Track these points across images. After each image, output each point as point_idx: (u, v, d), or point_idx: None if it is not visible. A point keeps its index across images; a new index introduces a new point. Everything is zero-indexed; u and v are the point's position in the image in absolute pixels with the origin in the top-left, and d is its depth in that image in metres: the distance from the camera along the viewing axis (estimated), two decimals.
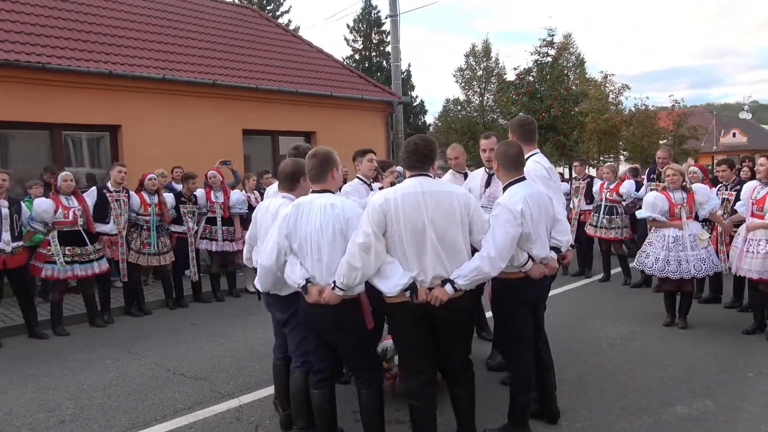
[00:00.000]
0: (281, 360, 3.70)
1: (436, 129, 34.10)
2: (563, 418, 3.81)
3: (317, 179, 3.25)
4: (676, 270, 5.73)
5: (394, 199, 2.96)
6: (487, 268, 3.01)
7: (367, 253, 2.93)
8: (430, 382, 3.15)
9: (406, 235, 2.95)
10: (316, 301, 3.09)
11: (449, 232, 2.99)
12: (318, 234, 3.10)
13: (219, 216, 7.79)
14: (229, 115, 10.95)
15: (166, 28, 11.45)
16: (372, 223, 2.95)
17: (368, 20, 30.89)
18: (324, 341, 3.27)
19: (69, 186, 6.36)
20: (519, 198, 3.25)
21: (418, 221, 2.95)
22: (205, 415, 4.06)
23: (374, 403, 3.26)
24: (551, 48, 19.46)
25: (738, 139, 45.10)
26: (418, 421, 3.16)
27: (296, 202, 3.25)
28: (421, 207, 2.96)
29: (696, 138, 25.53)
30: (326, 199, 3.17)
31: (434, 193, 3.00)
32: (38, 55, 8.73)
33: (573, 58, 31.40)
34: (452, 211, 2.99)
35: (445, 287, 2.97)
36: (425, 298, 2.96)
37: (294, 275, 3.15)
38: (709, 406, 4.02)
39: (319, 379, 3.33)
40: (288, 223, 3.17)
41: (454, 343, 3.18)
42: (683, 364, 4.87)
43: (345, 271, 2.97)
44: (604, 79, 23.64)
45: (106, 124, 9.63)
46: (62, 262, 6.14)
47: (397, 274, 2.96)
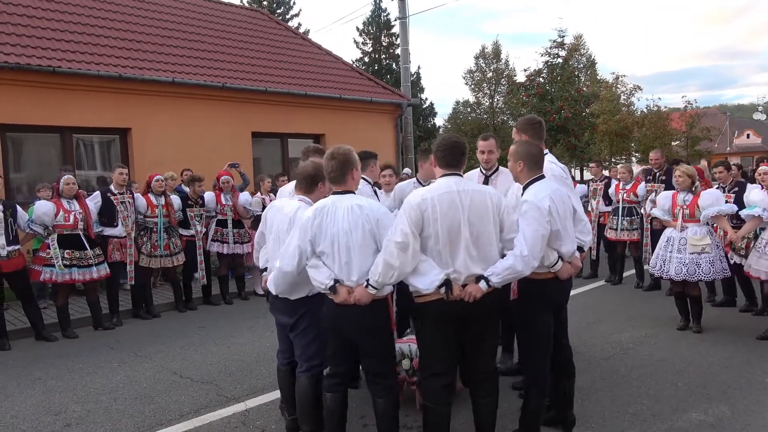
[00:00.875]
0: (286, 365, 3.65)
1: (446, 131, 34.04)
2: (577, 424, 3.71)
3: (338, 181, 3.21)
4: (670, 269, 5.70)
5: (431, 198, 2.97)
6: (520, 266, 3.02)
7: (404, 251, 2.92)
8: (448, 386, 3.14)
9: (442, 234, 2.96)
10: (345, 301, 3.05)
11: (483, 231, 3.02)
12: (347, 235, 3.06)
13: (230, 218, 7.80)
14: (238, 118, 10.98)
15: (175, 32, 11.50)
16: (410, 222, 2.94)
17: (378, 23, 30.90)
18: (345, 345, 3.21)
19: (71, 189, 6.36)
20: (545, 195, 3.24)
21: (455, 220, 2.96)
22: (211, 419, 4.02)
23: (391, 413, 3.20)
24: (561, 49, 19.34)
25: (752, 140, 44.60)
26: (432, 423, 3.12)
27: (318, 205, 3.19)
28: (458, 206, 2.97)
29: (709, 139, 25.30)
30: (352, 200, 3.14)
31: (469, 192, 3.02)
32: (49, 59, 8.80)
33: (584, 59, 31.25)
34: (486, 210, 3.02)
35: (479, 284, 2.98)
36: (459, 294, 2.96)
37: (320, 276, 3.10)
38: (725, 413, 3.92)
39: (335, 382, 3.27)
40: (312, 227, 3.11)
41: (482, 345, 3.16)
42: (698, 369, 4.76)
43: (382, 270, 2.95)
44: (615, 80, 23.50)
45: (116, 127, 9.69)
46: (60, 265, 6.12)
47: (433, 272, 2.97)
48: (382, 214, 3.11)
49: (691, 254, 5.61)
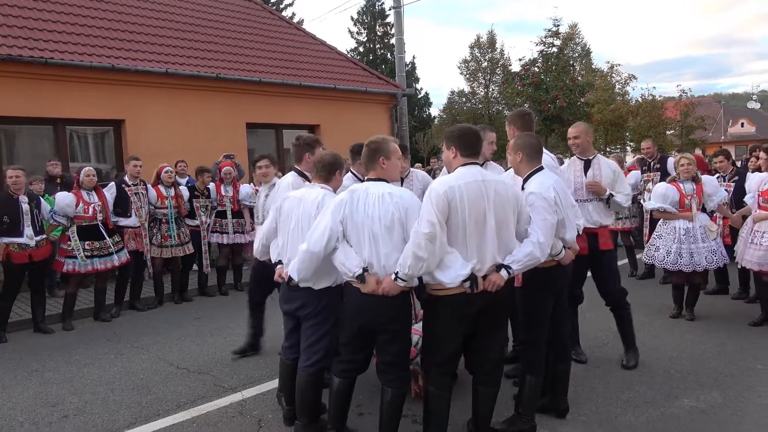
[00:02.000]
0: (291, 361, 3.60)
1: (441, 121, 33.99)
2: (570, 411, 3.77)
3: (369, 167, 3.23)
4: (689, 263, 5.65)
5: (458, 186, 2.95)
6: (538, 253, 3.10)
7: (432, 242, 2.88)
8: (451, 374, 3.21)
9: (469, 223, 2.95)
10: (373, 291, 3.03)
11: (506, 221, 3.05)
12: (376, 222, 3.04)
13: (229, 209, 7.86)
14: (232, 109, 10.93)
15: (169, 22, 11.41)
16: (437, 212, 2.90)
17: (372, 12, 30.77)
18: (364, 334, 3.19)
19: (91, 181, 6.48)
20: (549, 185, 3.32)
21: (481, 209, 2.97)
22: (208, 409, 4.05)
23: (399, 403, 3.21)
24: (556, 38, 19.28)
25: (746, 129, 44.73)
26: (434, 407, 3.15)
27: (352, 188, 3.18)
28: (483, 195, 2.98)
29: (704, 128, 25.37)
30: (383, 187, 3.13)
31: (492, 182, 3.04)
32: (41, 50, 8.72)
33: (579, 48, 31.18)
34: (508, 200, 3.06)
35: (500, 272, 3.01)
36: (483, 286, 2.97)
37: (350, 263, 3.07)
38: (716, 399, 3.98)
39: (347, 369, 3.26)
40: (344, 208, 3.10)
41: (495, 333, 3.21)
42: (690, 356, 4.82)
43: (411, 262, 2.90)
44: (610, 69, 23.49)
45: (110, 118, 9.63)
46: (83, 256, 6.26)
47: (457, 264, 2.95)
48: (411, 204, 3.08)
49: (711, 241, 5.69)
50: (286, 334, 3.69)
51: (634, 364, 4.60)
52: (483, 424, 3.29)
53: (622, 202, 4.55)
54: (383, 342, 3.19)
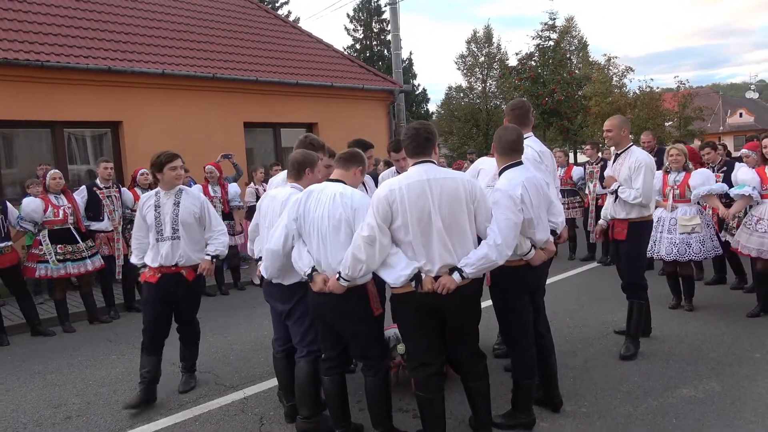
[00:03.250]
0: (281, 353, 3.70)
1: (439, 117, 33.96)
2: (568, 403, 3.80)
3: (342, 166, 3.30)
4: (671, 251, 5.68)
5: (399, 188, 2.92)
6: (494, 255, 2.97)
7: (371, 245, 2.90)
8: (437, 374, 3.13)
9: (412, 224, 2.91)
10: (321, 290, 3.10)
11: (456, 220, 2.95)
12: (325, 221, 3.11)
13: (219, 210, 7.74)
14: (230, 109, 10.93)
15: (164, 23, 11.40)
16: (377, 216, 2.91)
17: (368, 9, 30.69)
18: (331, 330, 3.28)
19: (58, 184, 6.36)
20: (518, 183, 3.23)
21: (424, 210, 2.91)
22: (211, 407, 4.08)
23: (379, 391, 3.26)
24: (553, 32, 19.26)
25: (745, 119, 44.68)
26: (426, 413, 3.14)
27: (309, 188, 3.27)
28: (427, 195, 2.91)
29: (702, 119, 25.33)
30: (338, 188, 3.20)
31: (439, 180, 2.95)
32: (37, 53, 8.72)
33: (575, 41, 31.12)
34: (458, 198, 2.94)
35: (452, 275, 2.93)
36: (431, 287, 2.92)
37: (301, 262, 3.18)
38: (714, 388, 4.00)
39: (329, 366, 3.34)
40: (298, 207, 3.20)
41: (462, 333, 3.15)
42: (689, 347, 4.84)
43: (350, 263, 2.96)
44: (607, 62, 23.45)
45: (107, 120, 9.64)
46: (54, 260, 6.15)
47: (400, 265, 2.94)
48: (360, 205, 3.10)
49: (681, 234, 5.66)
50: (274, 327, 3.80)
51: (631, 354, 4.61)
52: (483, 416, 3.29)
53: (625, 197, 4.58)
54: (347, 337, 3.27)
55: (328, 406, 3.39)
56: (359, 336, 3.22)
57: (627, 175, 4.62)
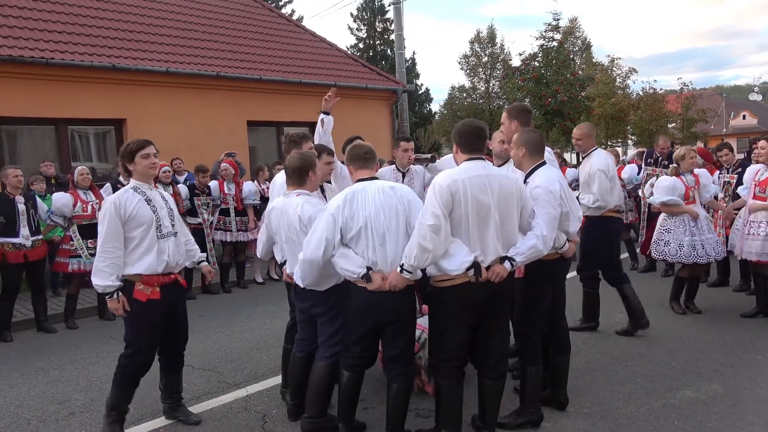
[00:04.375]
0: (303, 353, 3.62)
1: (442, 117, 33.94)
2: (571, 403, 3.81)
3: (367, 165, 3.32)
4: (703, 254, 5.60)
5: (461, 180, 3.00)
6: (541, 245, 3.16)
7: (437, 234, 2.94)
8: (460, 367, 3.23)
9: (472, 216, 3.00)
10: (380, 288, 3.08)
11: (509, 215, 3.10)
12: (381, 218, 3.10)
13: (232, 207, 7.90)
14: (233, 107, 10.95)
15: (169, 21, 11.43)
16: (441, 204, 2.95)
17: (372, 8, 30.71)
18: (372, 330, 3.24)
19: (86, 180, 6.50)
20: (553, 179, 3.38)
21: (485, 203, 3.01)
22: (213, 405, 4.09)
23: (405, 397, 3.26)
24: (557, 32, 19.25)
25: (748, 121, 44.61)
26: (447, 401, 3.19)
27: (346, 192, 3.20)
28: (487, 189, 3.03)
29: (705, 121, 25.30)
30: (381, 183, 3.23)
31: (496, 176, 3.10)
32: (41, 50, 8.75)
33: (579, 42, 31.09)
34: (512, 195, 3.10)
35: (504, 264, 3.07)
36: (486, 276, 3.02)
37: (352, 266, 3.11)
38: (717, 390, 4.00)
39: (356, 363, 3.31)
40: (342, 215, 3.12)
41: (499, 324, 3.24)
42: (691, 348, 4.84)
43: (417, 253, 2.96)
44: (611, 63, 23.44)
45: (111, 118, 9.67)
46: (87, 255, 6.26)
47: (462, 253, 3.01)
48: (413, 196, 3.19)
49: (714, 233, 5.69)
50: (300, 328, 3.70)
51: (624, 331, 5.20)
52: (491, 417, 3.32)
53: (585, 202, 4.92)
54: (390, 336, 3.23)
55: (340, 402, 3.36)
56: (403, 335, 3.23)
57: (584, 180, 4.96)
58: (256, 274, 8.44)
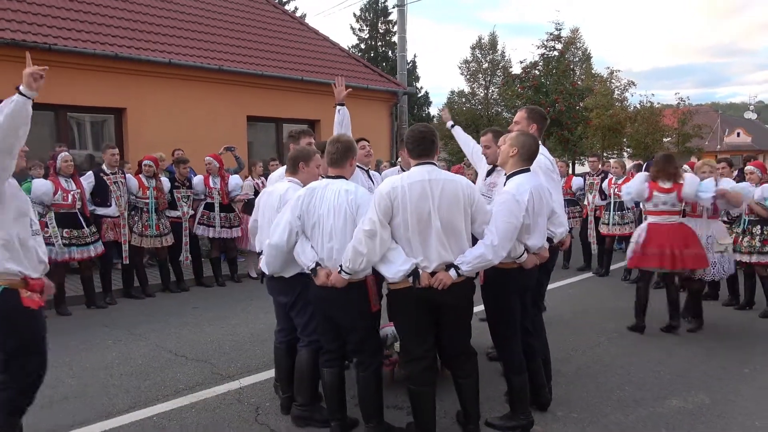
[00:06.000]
0: (283, 344, 3.75)
1: (440, 121, 34.01)
2: (560, 408, 3.86)
3: (336, 164, 3.33)
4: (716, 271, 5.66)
5: (401, 186, 3.02)
6: (490, 255, 3.08)
7: (372, 239, 3.00)
8: (430, 368, 3.22)
9: (412, 222, 3.02)
10: (324, 284, 3.17)
11: (453, 220, 3.06)
12: (330, 217, 3.19)
13: (217, 202, 7.77)
14: (233, 101, 10.96)
15: (173, 12, 11.42)
16: (378, 211, 3.01)
17: (375, 9, 30.78)
18: (330, 323, 3.35)
19: (69, 167, 6.37)
20: (526, 189, 3.32)
21: (424, 209, 3.01)
22: (207, 395, 4.11)
23: (371, 386, 3.32)
24: (558, 42, 19.38)
25: (742, 139, 45.03)
26: (417, 405, 3.23)
27: (311, 185, 3.32)
28: (428, 195, 3.02)
29: (700, 137, 25.52)
30: (341, 184, 3.27)
31: (440, 181, 3.06)
32: (44, 36, 8.74)
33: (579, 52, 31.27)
34: (457, 200, 3.06)
35: (449, 272, 3.04)
36: (428, 282, 3.02)
37: (305, 256, 3.25)
38: (704, 401, 4.07)
39: (329, 358, 3.41)
40: (302, 204, 3.25)
41: (455, 329, 3.25)
42: (679, 359, 4.91)
43: (351, 256, 3.05)
44: (609, 75, 23.61)
45: (111, 107, 9.66)
46: (60, 244, 6.16)
47: (399, 260, 3.04)
48: (364, 202, 3.18)
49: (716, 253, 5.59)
50: (277, 319, 3.84)
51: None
52: (471, 411, 3.37)
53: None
54: (345, 332, 3.34)
55: (326, 398, 3.45)
56: (357, 330, 3.30)
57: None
58: (250, 269, 8.44)
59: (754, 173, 6.14)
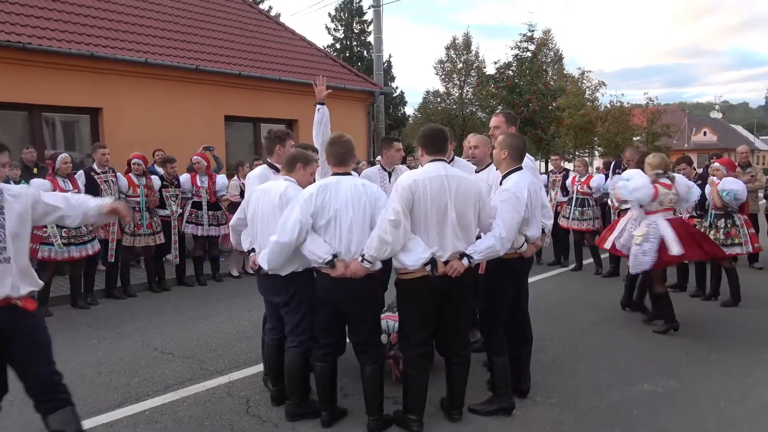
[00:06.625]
0: (275, 341, 3.80)
1: (416, 120, 34.27)
2: (538, 394, 4.05)
3: (343, 163, 3.49)
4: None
5: (422, 180, 3.25)
6: (498, 246, 3.40)
7: (396, 228, 3.19)
8: (427, 354, 3.47)
9: (431, 213, 3.25)
10: (342, 275, 3.29)
11: (467, 213, 3.34)
12: (349, 210, 3.31)
13: (205, 200, 7.84)
14: (211, 101, 10.95)
15: (149, 11, 11.34)
16: (402, 202, 3.21)
17: (350, 9, 30.82)
18: (336, 317, 3.47)
19: (68, 168, 6.52)
20: (524, 186, 3.58)
21: (442, 202, 3.26)
22: (197, 390, 4.18)
23: (378, 379, 3.49)
24: (531, 43, 19.74)
25: (708, 138, 46.38)
26: (412, 388, 3.43)
27: (322, 182, 3.44)
28: (446, 189, 3.27)
29: (668, 135, 26.27)
30: (353, 179, 3.43)
31: (455, 177, 3.32)
32: (18, 34, 8.63)
33: (551, 53, 31.81)
34: (469, 195, 3.33)
35: (462, 260, 3.32)
36: (443, 270, 3.26)
37: (319, 250, 3.33)
38: (673, 385, 4.30)
39: (326, 353, 3.53)
40: (315, 202, 3.33)
41: (458, 317, 3.47)
42: (650, 347, 5.15)
43: (376, 244, 3.21)
44: (581, 75, 24.13)
45: (87, 106, 9.57)
46: (59, 243, 6.20)
47: (419, 249, 3.26)
48: (380, 194, 3.40)
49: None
50: (268, 317, 3.90)
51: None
52: (458, 400, 3.62)
53: None
54: (355, 321, 3.48)
55: (318, 391, 3.57)
56: (367, 321, 3.46)
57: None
58: (232, 268, 8.48)
59: (719, 170, 6.45)
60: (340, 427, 3.60)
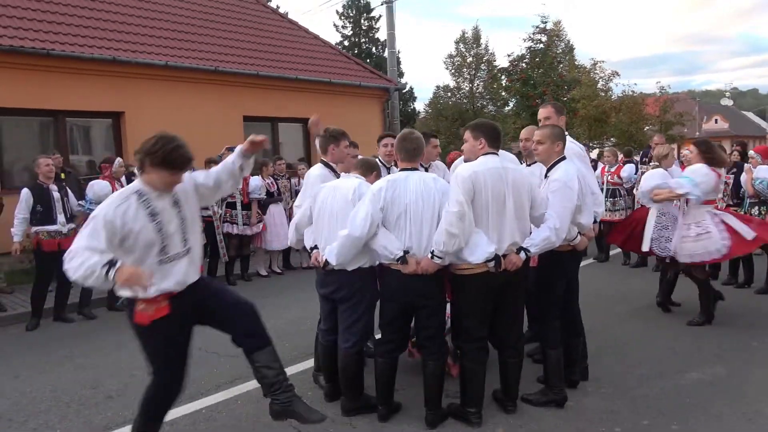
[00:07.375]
0: (330, 342, 3.80)
1: (427, 115, 34.20)
2: (589, 384, 4.07)
3: (412, 158, 3.52)
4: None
5: (481, 171, 3.28)
6: (554, 237, 3.41)
7: (462, 220, 3.20)
8: (484, 348, 3.51)
9: (491, 204, 3.27)
10: (414, 272, 3.31)
11: (523, 204, 3.38)
12: (419, 205, 3.33)
13: (239, 201, 7.98)
14: (230, 102, 11.00)
15: (168, 15, 11.42)
16: (463, 193, 3.22)
17: (358, 6, 30.77)
18: (403, 313, 3.49)
19: (122, 172, 6.84)
20: (572, 174, 3.57)
21: (501, 192, 3.30)
22: (248, 387, 4.21)
23: (441, 374, 3.52)
24: (544, 35, 19.63)
25: (720, 125, 45.99)
26: (471, 382, 3.48)
27: (391, 177, 3.46)
28: (503, 180, 3.31)
29: (682, 124, 26.08)
30: (421, 174, 3.46)
31: (510, 169, 3.38)
32: (42, 41, 8.71)
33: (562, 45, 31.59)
34: (524, 186, 3.39)
35: (519, 254, 3.32)
36: (503, 265, 3.28)
37: (391, 246, 3.33)
38: (720, 372, 4.31)
39: (389, 349, 3.54)
40: (384, 196, 3.34)
41: (514, 310, 3.52)
42: (691, 336, 5.15)
43: (445, 239, 3.21)
44: (593, 66, 23.97)
45: (110, 110, 9.66)
46: None
47: (483, 244, 3.26)
48: (448, 188, 3.40)
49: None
50: (324, 318, 3.90)
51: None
52: (512, 392, 3.65)
53: None
54: (424, 317, 3.47)
55: (378, 387, 3.59)
56: (435, 316, 3.47)
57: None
58: (259, 267, 8.55)
59: (754, 158, 6.41)
60: (396, 421, 3.63)
